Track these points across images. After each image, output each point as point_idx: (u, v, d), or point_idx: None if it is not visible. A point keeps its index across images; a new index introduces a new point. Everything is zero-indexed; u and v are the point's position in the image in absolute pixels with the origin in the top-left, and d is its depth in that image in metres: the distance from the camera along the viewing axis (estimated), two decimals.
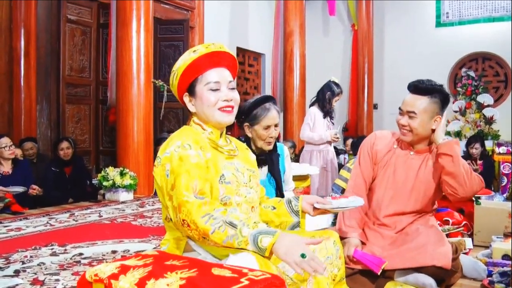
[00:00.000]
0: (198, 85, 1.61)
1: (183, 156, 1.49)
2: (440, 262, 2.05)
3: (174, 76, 1.62)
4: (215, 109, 1.60)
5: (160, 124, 6.93)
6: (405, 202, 2.29)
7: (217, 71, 1.62)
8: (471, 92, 7.84)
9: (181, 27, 7.06)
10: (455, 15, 8.62)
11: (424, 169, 2.28)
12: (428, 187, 2.28)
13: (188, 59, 1.59)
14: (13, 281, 2.21)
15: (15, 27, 5.51)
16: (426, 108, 2.18)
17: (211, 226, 1.38)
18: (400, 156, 2.33)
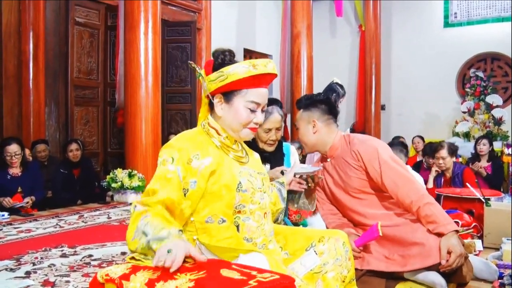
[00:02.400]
0: (238, 97, 1.58)
1: (162, 168, 1.52)
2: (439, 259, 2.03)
3: (220, 79, 1.56)
4: (244, 127, 1.60)
5: (168, 126, 6.96)
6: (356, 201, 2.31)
7: (261, 92, 1.60)
8: (480, 92, 7.79)
9: (188, 29, 7.08)
10: (464, 15, 8.57)
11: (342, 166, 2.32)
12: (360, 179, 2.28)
13: (246, 73, 1.54)
14: (24, 282, 2.23)
15: (24, 30, 5.56)
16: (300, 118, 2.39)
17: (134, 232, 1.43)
18: (324, 170, 2.41)
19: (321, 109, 2.34)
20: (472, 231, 3.04)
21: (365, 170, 2.26)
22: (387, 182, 2.18)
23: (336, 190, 2.36)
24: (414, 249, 2.11)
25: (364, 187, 2.29)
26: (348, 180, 2.30)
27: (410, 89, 8.83)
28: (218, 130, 1.62)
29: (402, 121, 9.03)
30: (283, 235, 1.74)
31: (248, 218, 1.55)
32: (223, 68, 1.56)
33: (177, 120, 7.09)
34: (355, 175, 2.28)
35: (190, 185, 1.50)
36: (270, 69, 1.58)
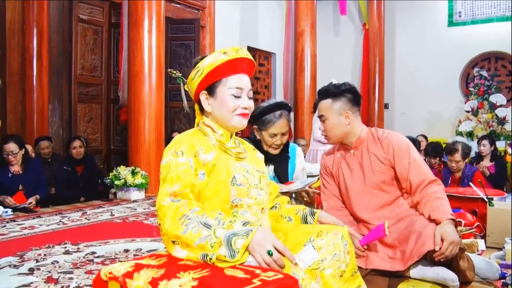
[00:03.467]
0: (220, 87, 1.61)
1: (172, 163, 1.51)
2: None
3: (198, 74, 1.61)
4: (234, 114, 1.62)
5: (171, 123, 6.96)
6: (370, 197, 2.30)
7: (241, 77, 1.63)
8: (484, 92, 7.77)
9: (192, 27, 7.08)
10: (468, 14, 8.54)
11: (367, 158, 2.30)
12: (380, 173, 2.27)
13: (218, 61, 1.58)
14: (28, 279, 2.24)
15: (28, 27, 5.57)
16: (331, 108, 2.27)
17: (185, 226, 1.38)
18: (344, 161, 2.37)
19: (350, 99, 2.29)
20: (475, 231, 3.04)
21: (391, 164, 2.26)
22: (414, 179, 2.22)
23: (351, 183, 2.33)
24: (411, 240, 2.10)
25: (383, 183, 2.28)
26: (369, 174, 2.29)
27: (414, 88, 8.81)
28: (213, 127, 1.65)
29: (405, 120, 9.01)
30: (283, 232, 1.74)
31: (246, 212, 1.57)
32: (198, 64, 1.62)
33: (180, 117, 7.09)
34: (379, 169, 2.27)
35: (199, 177, 1.53)
36: (242, 54, 1.62)
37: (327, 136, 2.35)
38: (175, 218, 1.40)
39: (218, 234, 1.35)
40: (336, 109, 2.27)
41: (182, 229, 1.38)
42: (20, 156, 4.28)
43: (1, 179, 4.19)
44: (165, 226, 1.40)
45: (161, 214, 1.43)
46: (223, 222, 1.39)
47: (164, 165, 1.54)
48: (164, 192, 1.47)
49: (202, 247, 1.35)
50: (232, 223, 1.39)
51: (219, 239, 1.34)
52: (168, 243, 1.41)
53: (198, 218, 1.39)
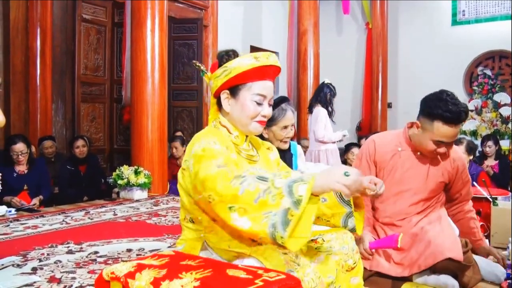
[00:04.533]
0: (244, 90, 1.58)
1: (207, 148, 1.45)
2: (451, 253, 2.02)
3: (225, 73, 1.57)
4: (252, 120, 1.59)
5: (174, 123, 6.96)
6: (416, 200, 2.30)
7: (266, 84, 1.60)
8: (488, 91, 7.73)
9: (195, 26, 7.08)
10: (472, 13, 8.51)
11: (433, 167, 2.29)
12: (437, 183, 2.31)
13: (249, 65, 1.55)
14: (31, 278, 2.25)
15: (31, 27, 5.57)
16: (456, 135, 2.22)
17: (240, 185, 1.27)
18: (407, 158, 2.32)
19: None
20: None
21: (451, 178, 2.33)
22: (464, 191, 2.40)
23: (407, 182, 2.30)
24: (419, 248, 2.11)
25: (431, 191, 2.31)
26: (431, 180, 2.29)
27: (417, 87, 8.77)
28: (229, 128, 1.62)
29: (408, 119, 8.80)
30: None
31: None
32: (226, 63, 1.58)
33: (183, 117, 7.09)
34: (439, 179, 2.31)
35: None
36: (272, 61, 1.59)
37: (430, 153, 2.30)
38: (226, 181, 1.30)
39: (278, 184, 1.24)
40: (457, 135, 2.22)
41: (238, 188, 1.26)
42: (26, 156, 4.30)
43: (7, 179, 4.20)
44: (218, 190, 1.30)
45: (210, 184, 1.33)
46: (279, 174, 1.29)
47: (192, 154, 1.46)
48: (206, 165, 1.38)
49: (263, 204, 1.22)
50: (288, 173, 1.31)
51: (279, 189, 1.22)
52: (224, 211, 1.29)
53: (252, 176, 1.29)
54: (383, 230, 2.33)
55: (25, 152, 4.26)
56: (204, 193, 1.35)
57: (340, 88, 6.68)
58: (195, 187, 1.44)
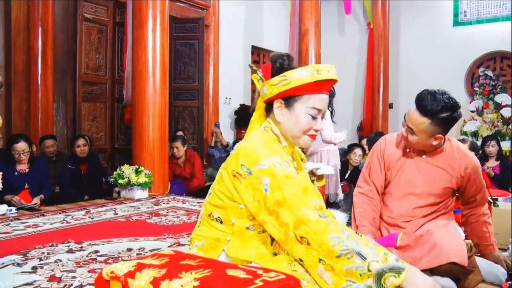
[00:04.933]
0: (300, 102, 1.55)
1: (288, 175, 1.44)
2: (456, 258, 2.02)
3: (283, 83, 1.52)
4: (304, 134, 1.58)
5: (175, 123, 6.97)
6: (422, 204, 2.27)
7: (322, 98, 1.57)
8: (489, 91, 7.73)
9: (196, 26, 7.09)
10: (473, 14, 8.50)
11: (440, 171, 2.26)
12: (444, 188, 2.27)
13: (310, 78, 1.50)
14: (31, 277, 2.25)
15: (33, 26, 5.58)
16: (425, 130, 2.13)
17: (339, 250, 1.31)
18: (414, 160, 2.31)
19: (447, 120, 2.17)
20: None
21: (461, 183, 2.27)
22: (479, 196, 2.34)
23: (413, 184, 2.29)
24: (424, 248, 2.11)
25: (438, 196, 2.28)
26: (438, 183, 2.26)
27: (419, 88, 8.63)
28: (280, 138, 1.60)
29: None
30: None
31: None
32: (286, 73, 1.53)
33: (185, 116, 7.10)
34: (447, 184, 2.26)
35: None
36: (333, 75, 1.55)
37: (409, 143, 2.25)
38: (326, 234, 1.33)
39: (372, 268, 1.29)
40: (430, 131, 2.14)
41: (336, 250, 1.31)
42: (28, 156, 4.31)
43: (8, 178, 4.21)
44: (317, 241, 1.33)
45: (308, 229, 1.35)
46: (377, 253, 1.32)
47: (265, 169, 1.44)
48: (303, 203, 1.40)
49: (350, 273, 1.30)
50: (386, 256, 1.32)
51: (370, 273, 1.29)
52: (314, 259, 1.34)
53: (353, 245, 1.32)
54: (387, 231, 2.33)
55: (26, 151, 4.27)
56: (297, 232, 1.37)
57: (342, 88, 6.68)
58: (269, 209, 1.42)
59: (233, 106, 8.20)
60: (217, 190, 1.57)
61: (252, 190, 1.46)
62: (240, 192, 1.49)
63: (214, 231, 1.57)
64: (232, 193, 1.52)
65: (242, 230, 1.53)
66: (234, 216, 1.53)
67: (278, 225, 1.41)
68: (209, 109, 7.66)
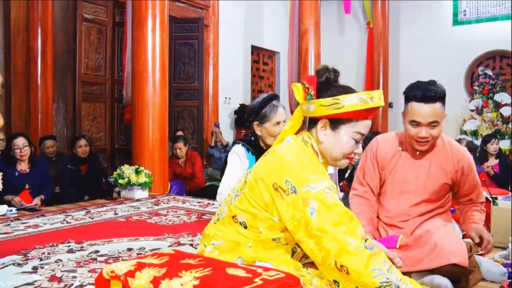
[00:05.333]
0: (347, 126, 1.56)
1: (336, 202, 1.45)
2: (457, 259, 2.03)
3: (335, 107, 1.51)
4: (344, 156, 1.60)
5: (175, 122, 6.97)
6: (418, 201, 2.27)
7: (368, 124, 1.59)
8: (488, 91, 7.74)
9: (196, 26, 7.09)
10: (473, 13, 8.51)
11: (434, 167, 2.26)
12: (439, 185, 2.26)
13: (363, 106, 1.52)
14: (32, 277, 2.25)
15: (32, 26, 5.59)
16: (443, 113, 2.15)
17: (379, 282, 1.37)
18: (407, 158, 2.31)
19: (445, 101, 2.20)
20: None
21: (455, 180, 2.25)
22: (474, 196, 2.32)
23: (408, 183, 2.28)
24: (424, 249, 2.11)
25: (437, 192, 2.27)
26: (432, 181, 2.25)
27: None
28: (319, 155, 1.60)
29: None
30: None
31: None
32: (339, 96, 1.52)
33: (184, 116, 7.11)
34: (442, 180, 2.25)
35: None
36: (382, 102, 1.56)
37: (428, 143, 2.19)
38: (368, 268, 1.37)
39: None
40: (443, 113, 2.15)
41: (376, 284, 1.37)
42: (28, 152, 4.31)
43: (8, 178, 4.22)
44: (358, 272, 1.37)
45: (353, 259, 1.38)
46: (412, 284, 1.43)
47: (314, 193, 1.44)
48: (349, 232, 1.42)
49: None
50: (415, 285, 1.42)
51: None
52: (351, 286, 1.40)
53: (393, 278, 1.39)
54: (385, 231, 2.33)
55: (26, 146, 4.27)
56: (338, 260, 1.39)
57: None
58: (310, 233, 1.43)
59: (232, 106, 8.21)
60: (248, 196, 1.53)
61: (293, 209, 1.45)
62: (278, 207, 1.47)
63: (235, 234, 1.55)
64: (267, 204, 1.50)
65: (268, 240, 1.52)
66: (263, 225, 1.51)
67: (318, 250, 1.42)
68: (208, 109, 7.67)
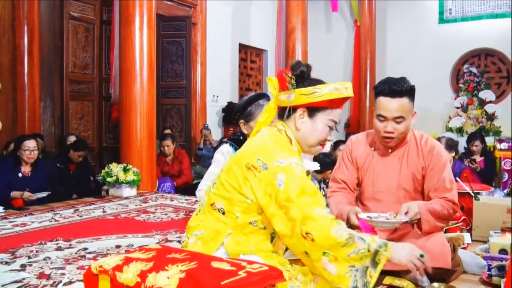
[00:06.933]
0: (323, 114, 1.68)
1: (303, 176, 1.55)
2: (440, 263, 2.09)
3: (315, 95, 1.64)
4: (319, 143, 1.70)
5: (163, 121, 6.98)
6: (395, 202, 2.26)
7: (339, 112, 1.73)
8: (473, 88, 7.84)
9: (183, 24, 7.10)
10: (458, 12, 8.61)
11: (406, 164, 2.27)
12: (413, 181, 2.27)
13: (339, 94, 1.66)
14: (20, 275, 2.26)
15: (18, 25, 5.55)
16: (409, 108, 2.17)
17: (345, 239, 1.44)
18: (379, 158, 2.33)
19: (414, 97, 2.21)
20: (461, 225, 3.09)
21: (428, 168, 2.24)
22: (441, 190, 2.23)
23: (382, 182, 2.29)
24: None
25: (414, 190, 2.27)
26: (405, 179, 2.26)
27: None
28: (292, 141, 1.69)
29: None
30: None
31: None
32: (318, 86, 1.65)
33: (172, 114, 7.12)
34: (414, 177, 2.26)
35: None
36: (352, 93, 1.72)
37: (394, 139, 2.21)
38: (331, 230, 1.45)
39: (371, 248, 1.45)
40: (410, 109, 2.18)
41: (342, 242, 1.44)
42: (36, 155, 4.34)
43: (12, 179, 4.24)
44: (323, 237, 1.44)
45: (316, 225, 1.46)
46: (369, 236, 1.51)
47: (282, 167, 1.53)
48: (314, 202, 1.51)
49: (352, 259, 1.44)
50: (373, 237, 1.51)
51: (370, 253, 1.45)
52: (318, 253, 1.46)
53: (354, 232, 1.48)
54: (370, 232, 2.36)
55: (36, 150, 4.31)
56: (303, 227, 1.47)
57: None
58: (281, 204, 1.50)
59: (220, 104, 8.22)
60: (224, 181, 1.62)
61: (265, 184, 1.54)
62: (252, 185, 1.56)
63: (215, 221, 1.61)
64: (240, 185, 1.57)
65: (245, 224, 1.59)
66: (238, 210, 1.58)
67: (287, 220, 1.50)
68: (196, 107, 7.67)
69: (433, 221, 2.13)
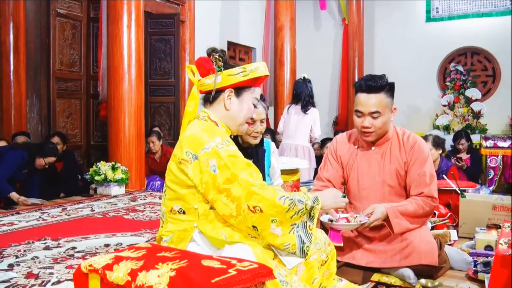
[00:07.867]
0: (248, 93, 1.78)
1: (231, 153, 1.61)
2: (427, 260, 2.12)
3: (242, 74, 1.72)
4: (245, 120, 1.79)
5: (151, 119, 6.95)
6: (380, 198, 2.29)
7: (260, 91, 1.86)
8: (460, 86, 7.91)
9: (171, 21, 7.06)
10: (445, 10, 8.68)
11: (389, 160, 2.30)
12: (397, 177, 2.30)
13: (262, 73, 1.76)
14: (8, 275, 2.25)
15: (4, 21, 5.47)
16: (386, 104, 2.21)
17: (288, 205, 1.58)
18: (363, 155, 2.36)
19: (393, 93, 2.25)
20: (448, 222, 3.13)
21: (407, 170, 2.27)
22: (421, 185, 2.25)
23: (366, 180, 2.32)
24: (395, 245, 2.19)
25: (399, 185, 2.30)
26: (388, 175, 2.29)
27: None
28: (218, 123, 1.74)
29: None
30: None
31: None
32: (245, 65, 1.75)
33: (161, 112, 7.08)
34: (397, 173, 2.28)
35: None
36: (268, 72, 1.82)
37: (372, 134, 2.25)
38: (275, 198, 1.57)
39: (308, 206, 1.63)
40: (388, 104, 2.21)
41: (286, 207, 1.58)
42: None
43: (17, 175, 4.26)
44: (269, 206, 1.56)
45: (259, 197, 1.56)
46: (304, 195, 1.67)
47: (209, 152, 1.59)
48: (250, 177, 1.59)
49: (294, 218, 1.61)
50: (307, 194, 1.68)
51: (307, 210, 1.63)
52: (267, 221, 1.57)
53: (294, 196, 1.62)
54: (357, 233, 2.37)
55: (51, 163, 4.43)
56: (249, 203, 1.56)
57: (317, 83, 6.76)
58: (219, 188, 1.57)
59: None
60: (169, 183, 1.68)
61: (200, 173, 1.59)
62: (191, 177, 1.60)
63: (179, 223, 1.66)
64: (182, 180, 1.62)
65: (207, 212, 1.63)
66: (194, 202, 1.63)
67: (230, 201, 1.56)
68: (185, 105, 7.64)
69: (405, 222, 2.16)
